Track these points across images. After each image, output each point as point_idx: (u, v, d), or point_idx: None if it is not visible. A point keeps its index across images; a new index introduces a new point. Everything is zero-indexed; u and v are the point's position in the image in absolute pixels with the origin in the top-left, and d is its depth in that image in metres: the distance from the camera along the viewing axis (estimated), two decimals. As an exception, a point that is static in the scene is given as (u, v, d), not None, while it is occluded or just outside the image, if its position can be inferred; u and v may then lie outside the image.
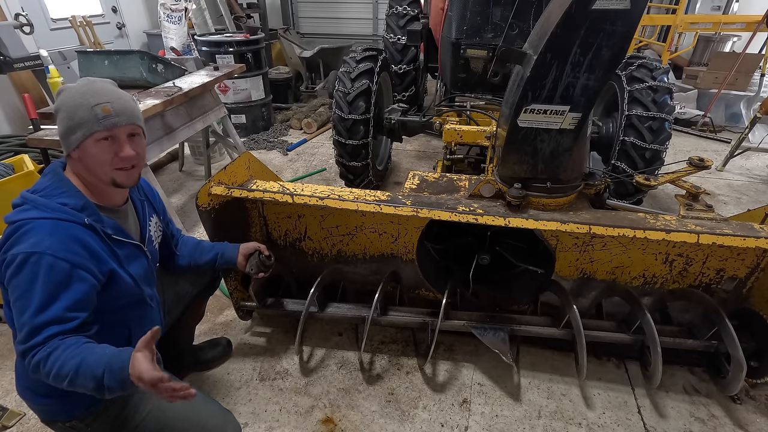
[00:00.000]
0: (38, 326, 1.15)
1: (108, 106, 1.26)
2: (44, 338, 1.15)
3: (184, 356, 2.06)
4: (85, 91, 1.26)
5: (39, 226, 1.19)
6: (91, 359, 1.12)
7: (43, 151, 2.60)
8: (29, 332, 1.15)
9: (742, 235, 1.69)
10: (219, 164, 4.39)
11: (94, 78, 1.34)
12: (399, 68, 4.61)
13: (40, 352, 1.14)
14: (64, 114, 1.25)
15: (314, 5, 8.80)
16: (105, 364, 1.11)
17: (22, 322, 1.16)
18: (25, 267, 1.16)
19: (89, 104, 1.24)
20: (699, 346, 1.98)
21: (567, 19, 1.45)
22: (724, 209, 3.69)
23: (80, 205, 1.26)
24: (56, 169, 1.32)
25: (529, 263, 2.21)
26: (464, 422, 1.91)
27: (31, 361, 1.15)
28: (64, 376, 1.11)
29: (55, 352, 1.13)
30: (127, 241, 1.38)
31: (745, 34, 5.97)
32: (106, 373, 1.09)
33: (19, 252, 1.16)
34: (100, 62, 2.99)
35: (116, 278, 1.31)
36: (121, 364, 1.09)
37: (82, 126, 1.24)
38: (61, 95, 1.28)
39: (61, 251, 1.18)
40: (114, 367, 1.10)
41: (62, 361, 1.12)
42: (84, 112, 1.23)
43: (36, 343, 1.14)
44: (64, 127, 1.25)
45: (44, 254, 1.16)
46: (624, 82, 2.90)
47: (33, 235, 1.17)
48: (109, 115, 1.25)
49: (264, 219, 2.33)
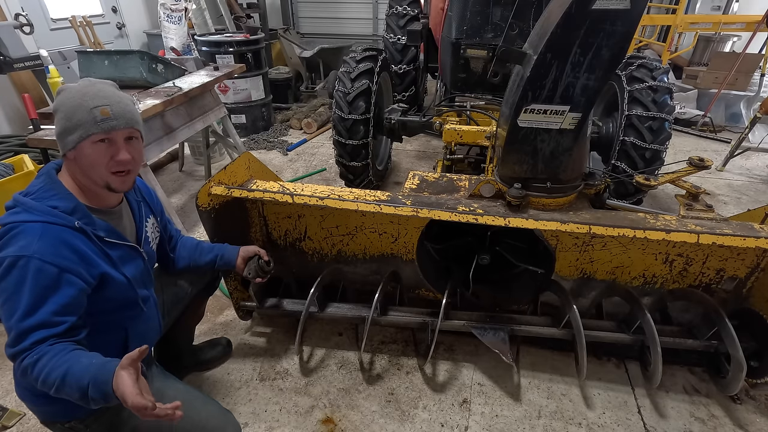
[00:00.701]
0: (25, 330, 1.14)
1: (107, 108, 1.25)
2: (31, 343, 1.14)
3: (184, 356, 2.05)
4: (85, 92, 1.26)
5: (28, 229, 1.19)
6: (77, 369, 1.11)
7: (43, 151, 2.61)
8: (16, 336, 1.15)
9: (742, 235, 1.69)
10: (219, 164, 4.39)
11: (94, 79, 1.33)
12: (399, 68, 4.61)
13: (27, 357, 1.13)
14: (62, 114, 1.25)
15: (314, 5, 8.81)
16: (91, 375, 1.10)
17: (10, 326, 1.16)
18: (13, 270, 1.15)
19: (88, 106, 1.24)
20: (699, 346, 1.98)
21: (567, 19, 1.45)
22: (724, 209, 3.69)
23: (71, 207, 1.25)
24: (49, 171, 1.31)
25: (529, 263, 2.21)
26: (464, 422, 1.90)
27: (19, 366, 1.15)
28: (50, 384, 1.12)
29: (43, 359, 1.13)
30: (120, 243, 1.38)
31: (745, 34, 5.97)
32: (91, 385, 1.09)
33: (7, 255, 1.16)
34: (100, 62, 2.99)
35: (108, 280, 1.31)
36: (106, 377, 1.08)
37: (80, 127, 1.23)
38: (61, 95, 1.28)
39: (49, 255, 1.17)
40: (99, 379, 1.09)
41: (49, 369, 1.11)
42: (82, 114, 1.23)
43: (23, 348, 1.14)
44: (62, 127, 1.25)
45: (32, 258, 1.15)
46: (624, 82, 2.90)
47: (22, 239, 1.17)
48: (107, 117, 1.25)
49: (264, 219, 2.33)
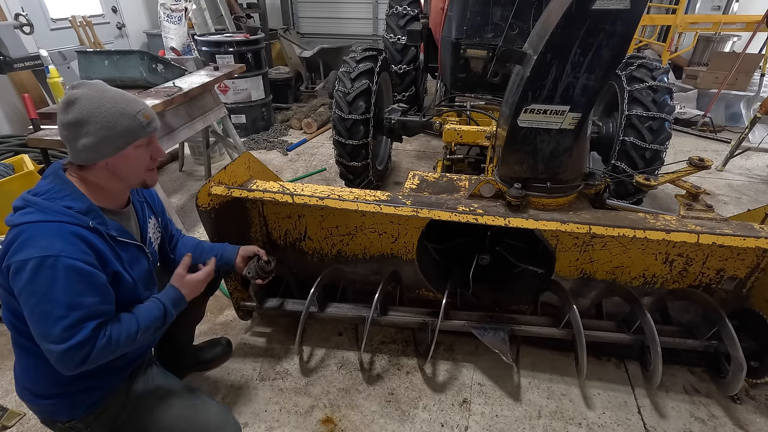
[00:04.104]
0: (76, 322, 1.17)
1: (147, 112, 1.30)
2: (91, 330, 1.19)
3: (184, 356, 2.05)
4: (113, 98, 1.25)
5: (45, 229, 1.18)
6: (145, 312, 1.35)
7: (43, 151, 2.61)
8: (66, 330, 1.15)
9: (742, 235, 1.69)
10: (219, 164, 4.39)
11: (97, 82, 1.30)
12: (399, 68, 4.61)
13: (98, 341, 1.20)
14: (100, 124, 1.21)
15: (314, 5, 8.80)
16: (159, 306, 1.38)
17: (50, 324, 1.15)
18: (42, 270, 1.14)
19: (130, 112, 1.25)
20: (699, 346, 1.98)
21: (567, 19, 1.45)
22: (724, 209, 3.69)
23: (85, 208, 1.25)
24: (58, 171, 1.29)
25: (529, 263, 2.21)
26: (464, 422, 1.91)
27: (81, 355, 1.18)
28: (133, 336, 1.29)
29: (114, 330, 1.25)
30: (130, 243, 1.38)
31: (745, 34, 5.97)
32: (167, 306, 1.40)
33: (30, 257, 1.14)
34: (100, 62, 2.99)
35: (120, 279, 1.32)
36: (171, 294, 1.43)
37: (127, 134, 1.25)
38: (80, 105, 1.21)
39: (76, 252, 1.18)
40: (170, 299, 1.42)
41: (126, 329, 1.28)
42: (127, 121, 1.25)
43: (84, 337, 1.17)
44: (101, 137, 1.22)
45: (59, 257, 1.15)
46: (624, 82, 2.90)
47: (41, 239, 1.16)
48: (151, 120, 1.30)
49: (264, 219, 2.33)
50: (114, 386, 1.45)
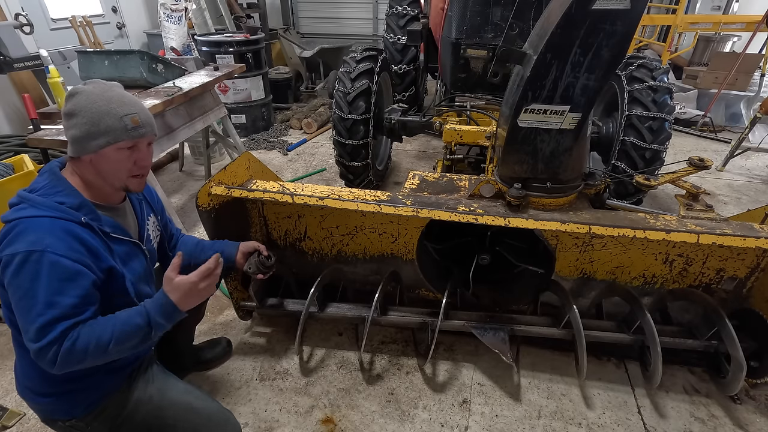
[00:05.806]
0: (49, 322, 1.15)
1: (136, 117, 1.29)
2: (61, 332, 1.16)
3: (184, 356, 2.05)
4: (109, 98, 1.26)
5: (36, 224, 1.19)
6: (125, 318, 1.24)
7: (43, 151, 2.61)
8: (40, 329, 1.15)
9: (742, 235, 1.69)
10: (219, 164, 4.39)
11: (106, 81, 1.33)
12: (399, 68, 4.61)
13: (65, 342, 1.15)
14: (86, 119, 1.24)
15: (314, 5, 8.80)
16: (143, 313, 1.25)
17: (30, 320, 1.15)
18: (26, 265, 1.15)
19: (118, 113, 1.25)
20: (699, 346, 1.98)
21: (567, 19, 1.45)
22: (724, 209, 3.69)
23: (77, 203, 1.26)
24: (53, 168, 1.31)
25: (529, 263, 2.21)
26: (464, 422, 1.90)
27: (50, 356, 1.15)
28: (106, 343, 1.19)
29: (83, 334, 1.17)
30: (125, 239, 1.39)
31: (745, 34, 5.97)
32: (152, 315, 1.25)
33: (18, 251, 1.15)
34: (100, 62, 2.99)
35: (114, 275, 1.31)
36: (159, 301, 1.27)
37: (108, 133, 1.25)
38: (78, 98, 1.26)
39: (62, 248, 1.18)
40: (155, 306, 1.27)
41: (98, 334, 1.19)
42: (112, 121, 1.25)
43: (53, 338, 1.15)
44: (84, 132, 1.24)
45: (45, 252, 1.15)
46: (624, 82, 2.90)
47: (31, 233, 1.17)
48: (138, 126, 1.29)
49: (264, 219, 2.33)
50: (114, 386, 1.45)
